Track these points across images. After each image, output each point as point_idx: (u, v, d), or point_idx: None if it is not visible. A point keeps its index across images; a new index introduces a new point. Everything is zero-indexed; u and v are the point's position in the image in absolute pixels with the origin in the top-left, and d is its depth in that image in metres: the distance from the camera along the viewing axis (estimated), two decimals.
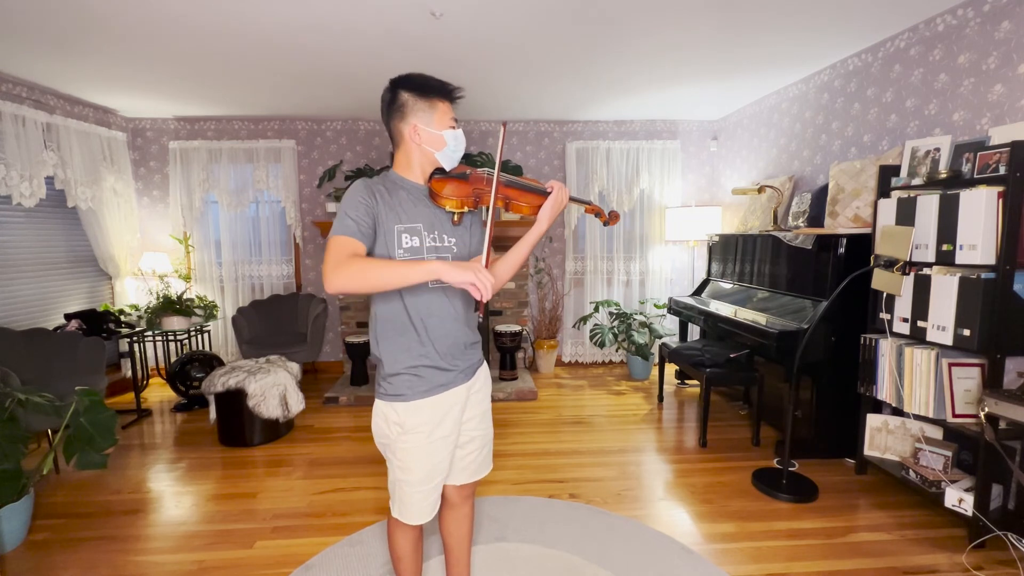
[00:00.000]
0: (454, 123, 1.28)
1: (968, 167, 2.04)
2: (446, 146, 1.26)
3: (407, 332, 1.27)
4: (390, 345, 1.28)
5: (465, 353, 1.35)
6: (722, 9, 2.43)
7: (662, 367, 3.80)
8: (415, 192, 1.29)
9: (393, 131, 1.28)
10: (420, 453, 1.29)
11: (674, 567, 1.90)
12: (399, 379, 1.28)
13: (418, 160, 1.28)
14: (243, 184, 4.45)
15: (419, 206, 1.27)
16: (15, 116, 3.25)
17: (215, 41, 2.73)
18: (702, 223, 4.33)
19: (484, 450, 1.47)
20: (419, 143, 1.26)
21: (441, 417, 1.30)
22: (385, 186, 1.26)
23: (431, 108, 1.25)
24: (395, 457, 1.31)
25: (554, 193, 1.32)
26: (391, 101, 1.26)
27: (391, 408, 1.29)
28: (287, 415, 3.13)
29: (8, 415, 2.08)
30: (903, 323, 2.26)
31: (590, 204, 1.46)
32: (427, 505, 1.34)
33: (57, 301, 3.75)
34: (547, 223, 1.33)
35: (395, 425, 1.29)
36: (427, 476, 1.31)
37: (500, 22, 2.55)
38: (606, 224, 1.48)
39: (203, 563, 1.97)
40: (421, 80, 1.26)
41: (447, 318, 1.30)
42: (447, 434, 1.32)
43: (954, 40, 2.41)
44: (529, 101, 3.99)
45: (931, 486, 2.17)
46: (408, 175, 1.30)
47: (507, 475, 2.61)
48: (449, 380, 1.31)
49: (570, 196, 1.38)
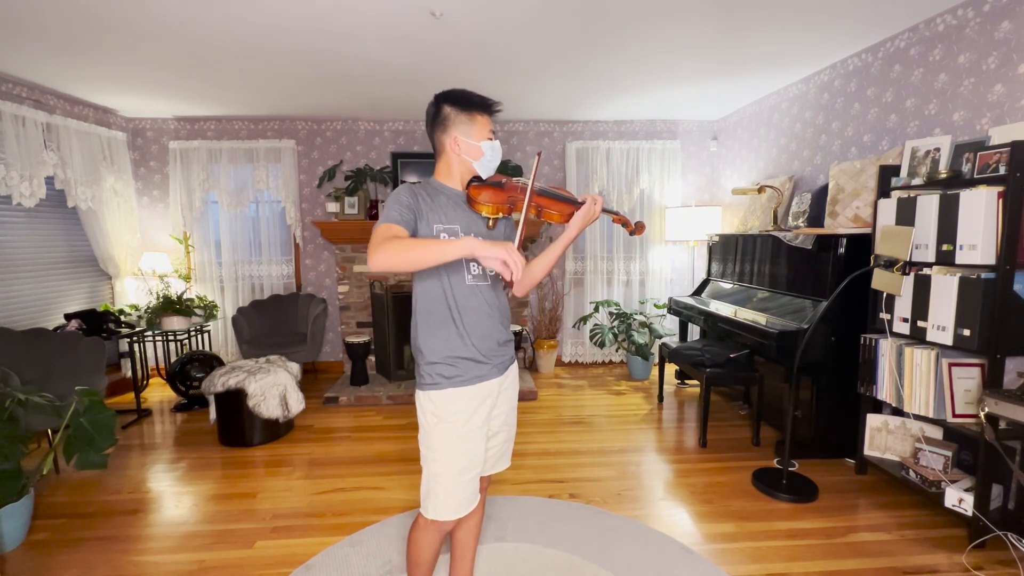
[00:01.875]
0: (492, 135, 1.36)
1: (968, 167, 2.04)
2: (483, 156, 1.35)
3: (447, 324, 1.33)
4: (430, 336, 1.34)
5: (499, 349, 1.41)
6: (722, 9, 2.43)
7: (662, 367, 3.80)
8: (454, 197, 1.37)
9: (436, 142, 1.37)
10: (456, 442, 1.33)
11: (674, 567, 1.90)
12: (437, 368, 1.33)
13: (458, 169, 1.37)
14: (243, 184, 4.45)
15: (458, 210, 1.36)
16: (15, 116, 3.25)
17: (215, 41, 2.72)
18: (702, 223, 4.32)
19: (506, 444, 1.53)
20: (459, 153, 1.34)
21: (476, 407, 1.35)
22: (427, 191, 1.34)
23: (471, 121, 1.33)
24: (431, 450, 1.35)
25: (587, 204, 1.40)
26: (435, 114, 1.35)
27: (427, 398, 1.34)
28: (287, 415, 3.13)
29: (8, 415, 2.08)
30: (903, 323, 2.26)
31: (617, 214, 1.53)
32: (464, 498, 1.36)
33: (57, 301, 3.75)
34: (576, 230, 1.42)
35: (431, 415, 1.34)
36: (464, 467, 1.34)
37: (500, 22, 2.55)
38: (632, 234, 1.55)
39: (203, 563, 1.97)
40: (463, 95, 1.34)
41: (483, 314, 1.36)
42: (480, 425, 1.37)
43: (954, 40, 2.41)
44: (529, 101, 3.99)
45: (931, 486, 2.17)
46: (448, 182, 1.38)
47: (507, 475, 2.61)
48: (484, 373, 1.36)
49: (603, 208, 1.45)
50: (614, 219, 1.53)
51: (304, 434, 3.24)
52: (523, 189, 1.36)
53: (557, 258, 1.47)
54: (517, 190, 1.37)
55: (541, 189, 1.42)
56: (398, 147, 4.58)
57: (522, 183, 1.40)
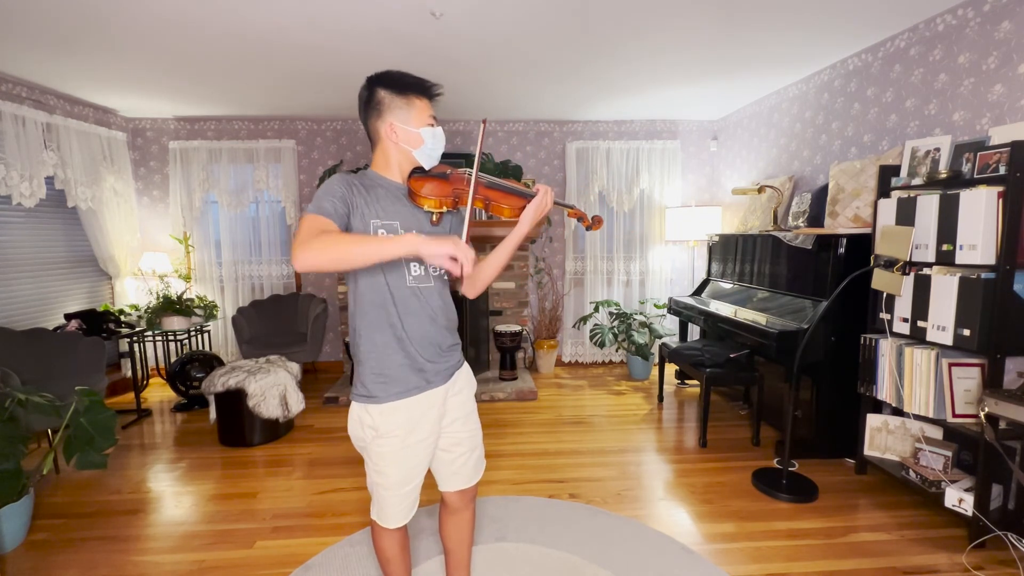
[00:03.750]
0: (433, 120, 1.25)
1: (968, 167, 2.04)
2: (424, 144, 1.24)
3: (385, 329, 1.25)
4: (367, 342, 1.26)
5: (443, 355, 1.33)
6: (722, 9, 2.43)
7: (662, 367, 3.80)
8: (393, 190, 1.26)
9: (370, 129, 1.26)
10: (395, 457, 1.28)
11: (674, 567, 1.90)
12: (374, 380, 1.26)
13: (396, 159, 1.26)
14: (243, 184, 4.45)
15: (397, 204, 1.25)
16: (15, 116, 3.25)
17: (215, 41, 2.73)
18: (702, 223, 4.32)
19: (475, 452, 1.45)
20: (396, 141, 1.24)
21: (417, 421, 1.28)
22: (362, 182, 1.23)
23: (408, 105, 1.23)
24: (371, 460, 1.31)
25: (537, 196, 1.30)
26: (368, 99, 1.24)
27: (365, 411, 1.27)
28: (287, 415, 3.13)
29: (8, 415, 2.08)
30: (903, 323, 2.26)
31: (573, 208, 1.44)
32: (404, 508, 1.33)
33: (57, 301, 3.75)
34: (528, 226, 1.31)
35: (369, 428, 1.28)
36: (403, 480, 1.30)
37: (500, 22, 2.55)
38: (589, 228, 1.46)
39: (203, 563, 1.97)
40: (398, 77, 1.24)
41: (425, 318, 1.28)
42: (423, 438, 1.30)
43: (954, 40, 2.41)
44: (529, 101, 3.99)
45: (931, 486, 2.17)
46: (386, 174, 1.28)
47: (507, 475, 2.61)
48: (424, 383, 1.29)
49: (554, 200, 1.36)
50: (569, 213, 1.44)
51: (304, 434, 3.24)
52: (468, 180, 1.25)
53: (509, 256, 1.37)
54: (463, 182, 1.26)
55: (490, 181, 1.31)
56: None
57: (468, 173, 1.27)
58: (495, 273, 1.40)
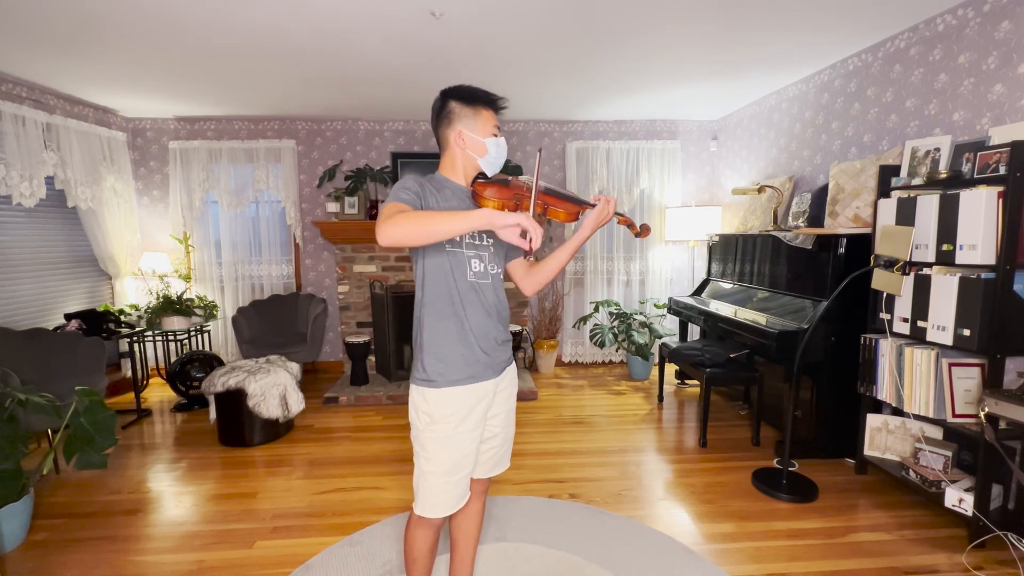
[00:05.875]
0: (496, 131, 1.36)
1: (968, 167, 2.04)
2: (488, 152, 1.35)
3: (450, 318, 1.33)
4: (432, 329, 1.34)
5: (498, 348, 1.41)
6: (722, 9, 2.43)
7: (662, 367, 3.80)
8: (459, 192, 1.37)
9: (440, 137, 1.37)
10: (445, 443, 1.33)
11: (674, 567, 1.90)
12: (434, 364, 1.33)
13: (462, 165, 1.37)
14: (243, 184, 4.45)
15: (463, 205, 1.35)
16: (15, 116, 3.25)
17: (216, 41, 2.72)
18: (702, 223, 4.32)
19: (504, 447, 1.53)
20: (463, 148, 1.34)
21: (469, 409, 1.35)
22: (432, 183, 1.34)
23: (475, 115, 1.33)
24: (422, 448, 1.36)
25: (600, 205, 1.40)
26: (440, 109, 1.35)
27: (422, 396, 1.34)
28: (287, 415, 3.13)
29: (8, 415, 2.08)
30: (903, 323, 2.26)
31: (623, 216, 1.53)
32: (452, 497, 1.36)
33: (57, 301, 3.75)
34: (590, 231, 1.41)
35: (424, 415, 1.34)
36: (452, 467, 1.35)
37: (500, 22, 2.55)
38: (637, 236, 1.55)
39: (203, 563, 1.97)
40: (468, 90, 1.35)
41: (481, 311, 1.36)
42: (473, 427, 1.36)
43: (954, 40, 2.41)
44: (529, 101, 3.99)
45: (931, 486, 2.17)
46: (453, 177, 1.38)
47: (507, 475, 2.60)
48: (479, 372, 1.36)
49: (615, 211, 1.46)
50: (619, 220, 1.52)
51: (304, 434, 3.24)
52: (528, 187, 1.37)
53: (570, 257, 1.47)
54: (523, 188, 1.38)
55: (547, 188, 1.43)
56: (398, 147, 4.58)
57: (527, 181, 1.40)
58: (556, 270, 1.49)
